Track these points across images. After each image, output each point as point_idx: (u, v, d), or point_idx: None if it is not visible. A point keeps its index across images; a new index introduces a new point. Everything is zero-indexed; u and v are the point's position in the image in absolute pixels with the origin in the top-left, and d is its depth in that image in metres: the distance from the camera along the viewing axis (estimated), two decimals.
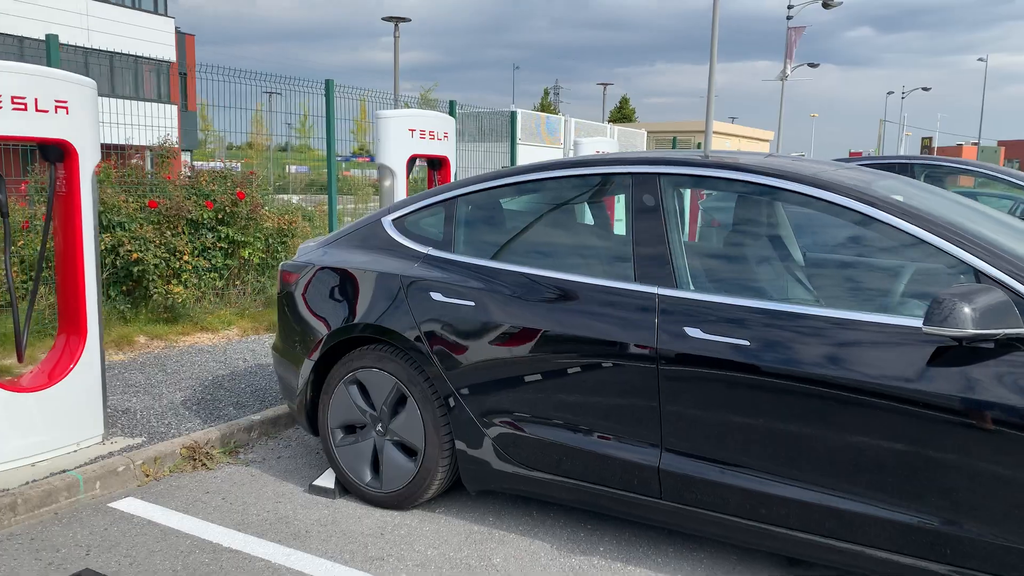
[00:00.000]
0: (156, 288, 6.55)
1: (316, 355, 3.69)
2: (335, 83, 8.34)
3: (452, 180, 6.52)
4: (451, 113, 10.07)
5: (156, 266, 6.50)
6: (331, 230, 8.43)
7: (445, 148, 6.32)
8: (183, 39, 39.05)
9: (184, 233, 6.84)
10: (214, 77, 7.70)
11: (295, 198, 8.96)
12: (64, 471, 3.78)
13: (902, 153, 65.24)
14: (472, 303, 3.27)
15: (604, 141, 8.60)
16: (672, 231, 2.98)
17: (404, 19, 18.90)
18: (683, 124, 18.77)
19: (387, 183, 5.98)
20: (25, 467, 3.81)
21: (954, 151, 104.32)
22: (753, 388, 2.67)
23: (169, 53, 33.61)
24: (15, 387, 3.83)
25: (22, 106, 3.66)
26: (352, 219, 10.00)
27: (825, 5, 30.04)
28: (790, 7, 30.57)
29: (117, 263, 6.48)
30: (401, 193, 6.04)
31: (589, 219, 3.35)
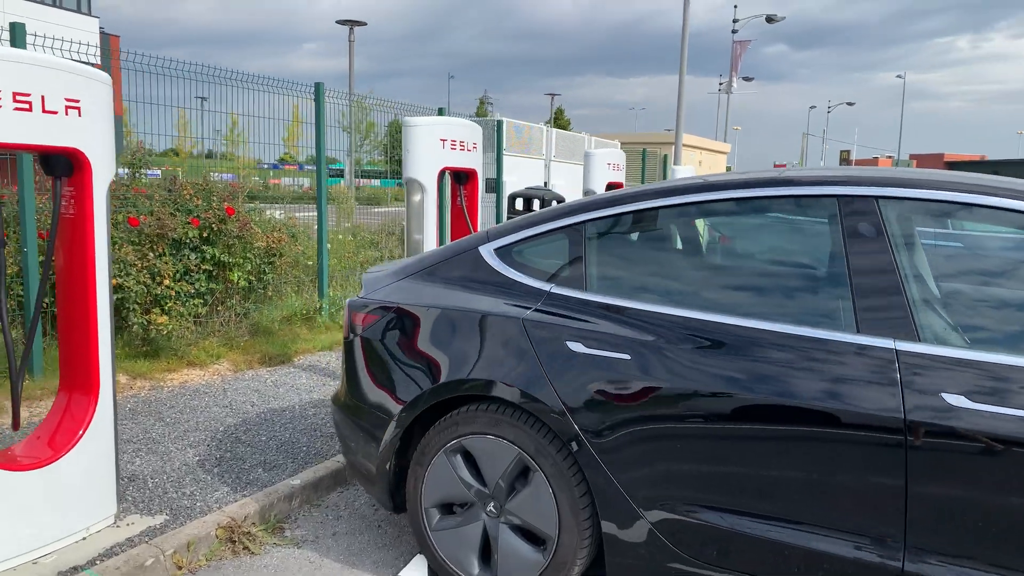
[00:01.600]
0: (136, 318, 5.67)
1: (405, 416, 2.98)
2: (324, 87, 7.56)
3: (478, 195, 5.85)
4: None
5: (137, 293, 5.62)
6: (321, 248, 7.63)
7: (474, 160, 5.66)
8: (107, 40, 37.03)
9: (166, 254, 5.97)
10: (145, 68, 6.61)
11: (278, 212, 8.12)
12: (76, 568, 2.98)
13: (822, 163, 66.95)
14: (627, 356, 2.63)
15: (614, 152, 8.06)
16: (905, 268, 2.40)
17: (360, 23, 17.99)
18: (648, 136, 18.45)
19: (416, 198, 5.27)
20: (25, 564, 2.98)
21: (871, 163, 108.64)
22: None
23: (93, 54, 31.69)
24: (11, 463, 3.00)
25: (26, 105, 2.85)
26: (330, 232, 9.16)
27: (769, 20, 30.52)
28: (735, 21, 30.94)
29: None
30: (431, 210, 5.35)
31: (770, 251, 2.74)
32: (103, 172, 3.16)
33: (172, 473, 3.89)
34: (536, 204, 9.45)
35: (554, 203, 9.88)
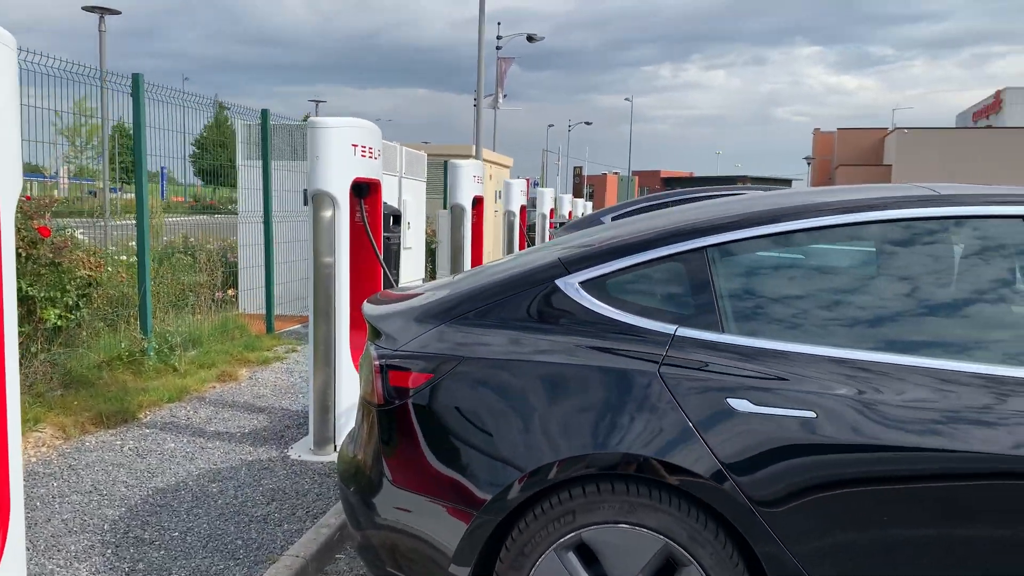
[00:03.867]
0: None
1: (496, 507, 2.26)
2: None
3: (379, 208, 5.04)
4: (264, 124, 8.24)
5: None
6: (143, 275, 6.25)
7: (378, 169, 4.87)
8: None
9: None
10: None
11: (79, 232, 6.51)
12: None
13: (559, 179, 71.43)
14: (812, 414, 2.14)
15: (478, 164, 7.54)
16: None
17: (113, 11, 15.50)
18: (448, 148, 17.98)
19: (326, 214, 4.39)
20: None
21: (600, 179, 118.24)
22: None
23: None
24: None
25: None
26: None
27: (530, 39, 31.73)
28: (499, 38, 31.70)
29: None
30: (345, 228, 4.49)
31: (967, 277, 2.35)
32: (10, 183, 2.08)
33: None
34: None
35: (391, 219, 9.10)
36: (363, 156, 4.58)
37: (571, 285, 2.46)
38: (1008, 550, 2.07)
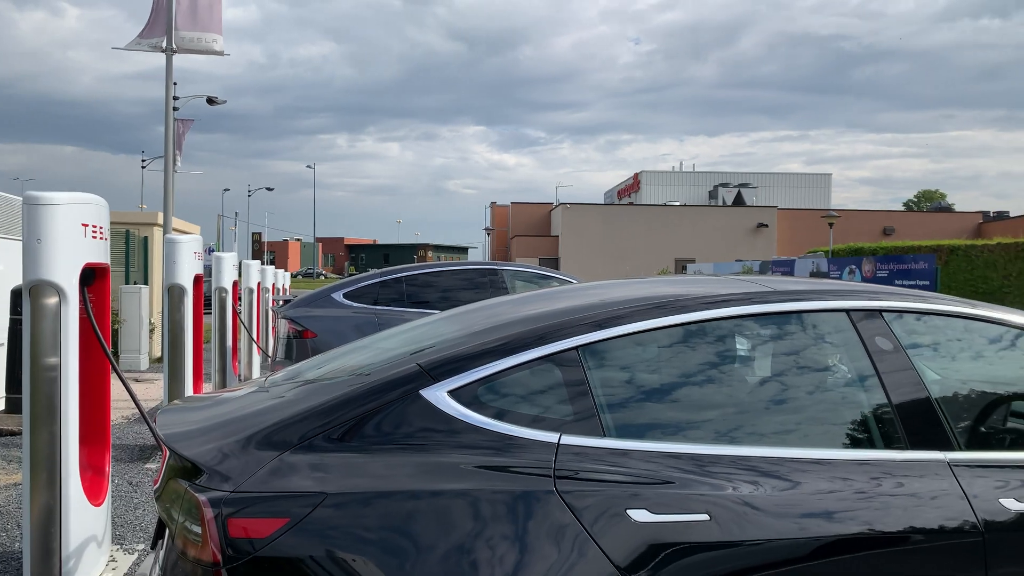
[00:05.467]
0: None
1: None
2: None
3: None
4: None
5: None
6: None
7: (106, 251, 4.13)
8: None
9: None
10: None
11: None
12: None
13: (236, 245, 68.63)
14: (705, 516, 2.10)
15: (198, 240, 6.80)
16: (930, 380, 2.43)
17: None
18: (126, 215, 15.90)
19: (50, 305, 3.59)
20: None
21: (282, 246, 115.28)
22: None
23: None
24: None
25: None
26: None
27: (210, 101, 30.39)
28: (176, 99, 29.76)
29: None
30: (74, 323, 3.69)
31: (798, 367, 2.46)
32: None
33: None
34: None
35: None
36: (94, 237, 3.85)
37: (438, 396, 2.21)
38: None
